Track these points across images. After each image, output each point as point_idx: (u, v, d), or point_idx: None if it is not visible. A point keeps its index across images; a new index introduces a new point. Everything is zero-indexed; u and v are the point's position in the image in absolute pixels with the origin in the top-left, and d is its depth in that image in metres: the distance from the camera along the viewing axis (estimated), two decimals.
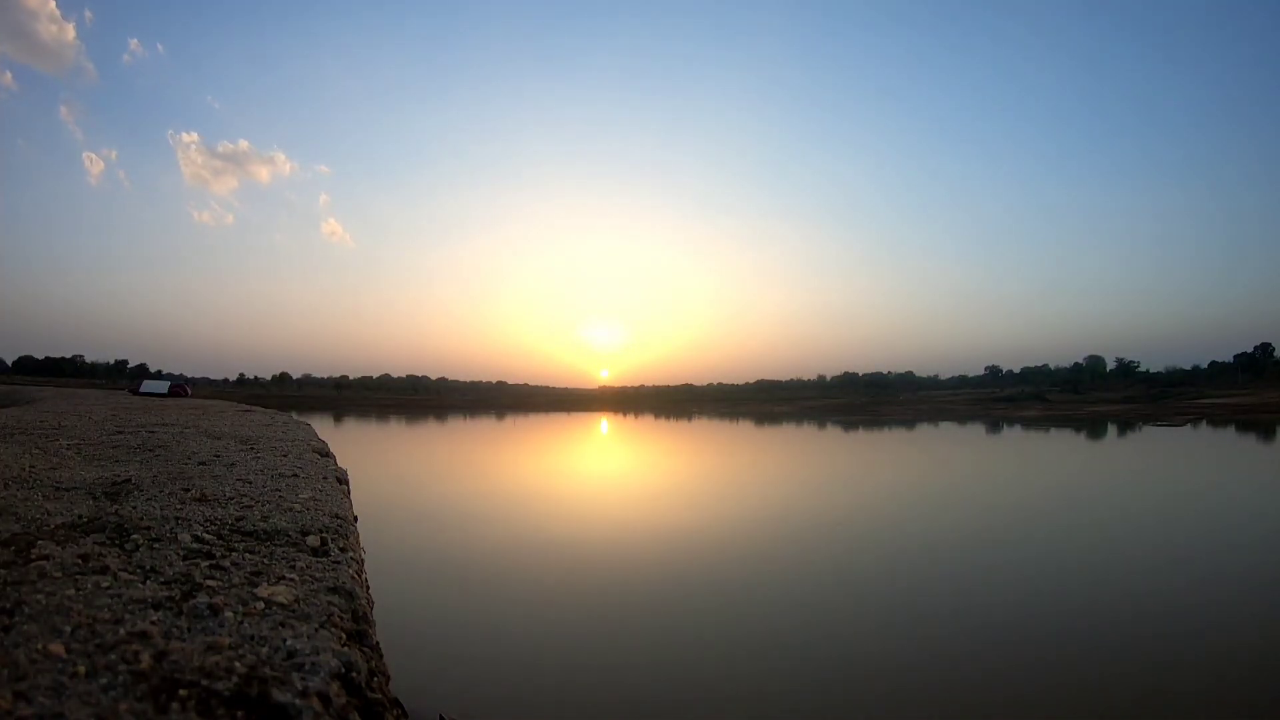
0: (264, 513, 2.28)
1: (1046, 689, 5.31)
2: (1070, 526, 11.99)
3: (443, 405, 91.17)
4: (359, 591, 1.59)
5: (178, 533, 1.90)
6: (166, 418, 8.46)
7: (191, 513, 2.19)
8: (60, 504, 2.17)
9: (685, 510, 14.03)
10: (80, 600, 1.11)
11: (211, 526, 2.05)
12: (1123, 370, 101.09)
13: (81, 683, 0.41)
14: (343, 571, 1.68)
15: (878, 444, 34.54)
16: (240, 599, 1.36)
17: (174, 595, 1.33)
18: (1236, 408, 59.57)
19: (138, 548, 1.71)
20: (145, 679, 0.42)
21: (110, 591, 1.28)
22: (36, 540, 1.59)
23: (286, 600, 1.37)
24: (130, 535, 1.83)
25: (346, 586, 1.54)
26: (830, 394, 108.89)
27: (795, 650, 6.14)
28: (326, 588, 1.52)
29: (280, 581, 1.52)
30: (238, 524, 2.10)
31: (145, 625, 0.87)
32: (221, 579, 1.50)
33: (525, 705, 5.07)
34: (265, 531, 2.03)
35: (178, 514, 2.16)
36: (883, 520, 12.82)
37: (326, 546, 1.93)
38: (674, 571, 8.80)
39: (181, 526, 1.99)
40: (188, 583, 1.45)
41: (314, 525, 2.18)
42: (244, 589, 1.44)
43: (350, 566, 1.78)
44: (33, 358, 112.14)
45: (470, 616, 7.01)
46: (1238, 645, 6.19)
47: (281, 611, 1.29)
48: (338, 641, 1.16)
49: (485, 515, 13.10)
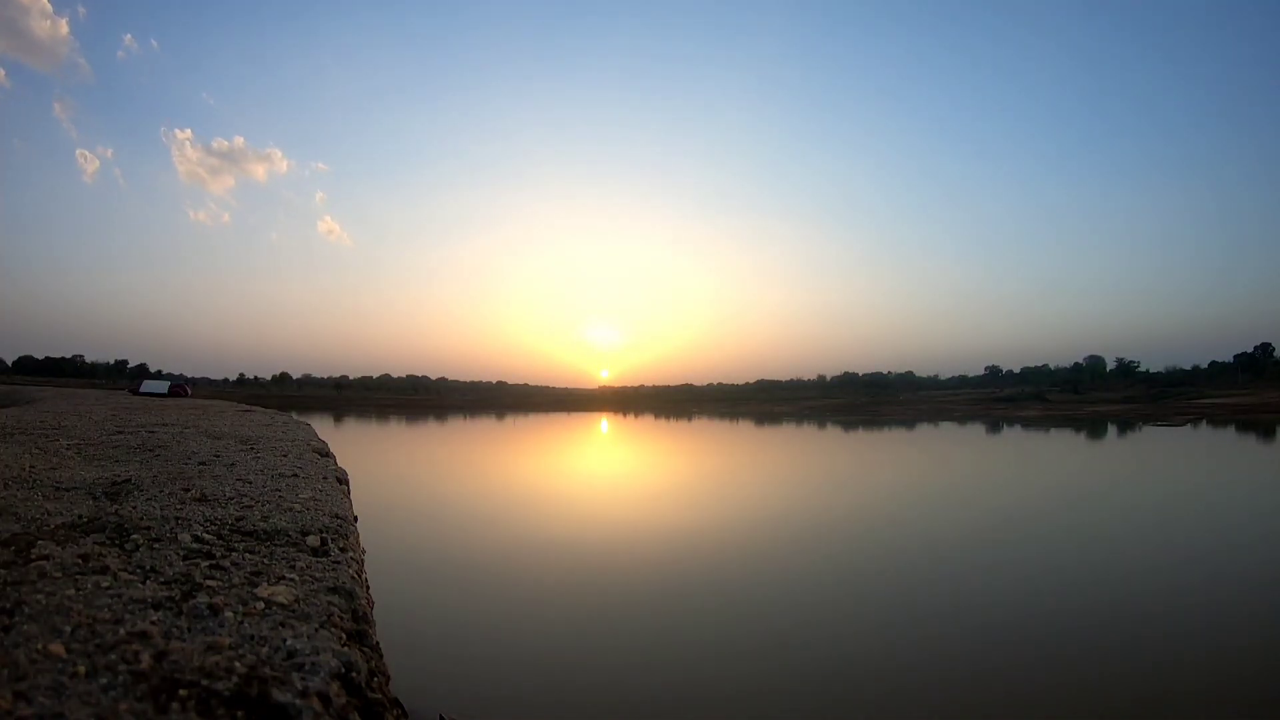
0: (264, 513, 2.28)
1: (1047, 689, 5.31)
2: (1070, 526, 11.99)
3: (443, 405, 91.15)
4: (359, 591, 1.58)
5: (178, 533, 1.90)
6: (166, 418, 8.46)
7: (191, 513, 2.19)
8: (60, 504, 2.17)
9: (685, 510, 14.03)
10: (80, 600, 1.11)
11: (211, 526, 2.04)
12: (1123, 370, 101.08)
13: (81, 683, 0.41)
14: (343, 571, 1.68)
15: (877, 444, 34.53)
16: (240, 599, 1.36)
17: (174, 595, 1.33)
18: (1236, 408, 59.56)
19: (138, 548, 1.71)
20: (145, 679, 0.42)
21: (110, 591, 1.28)
22: (36, 540, 1.59)
23: (286, 600, 1.37)
24: (130, 535, 1.83)
25: (346, 586, 1.54)
26: (830, 394, 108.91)
27: (795, 650, 6.13)
28: (326, 588, 1.52)
29: (280, 581, 1.52)
30: (238, 524, 2.10)
31: (145, 625, 0.87)
32: (221, 579, 1.50)
33: (525, 705, 5.07)
34: (265, 531, 2.03)
35: (178, 514, 2.15)
36: (882, 520, 12.81)
37: (326, 546, 1.93)
38: (674, 571, 8.80)
39: (181, 526, 1.99)
40: (188, 583, 1.45)
41: (314, 525, 2.17)
42: (244, 589, 1.44)
43: (350, 566, 1.78)
44: (33, 358, 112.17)
45: (470, 616, 7.01)
46: (1238, 645, 6.19)
47: (281, 611, 1.29)
48: (338, 641, 1.16)
49: (485, 515, 13.09)
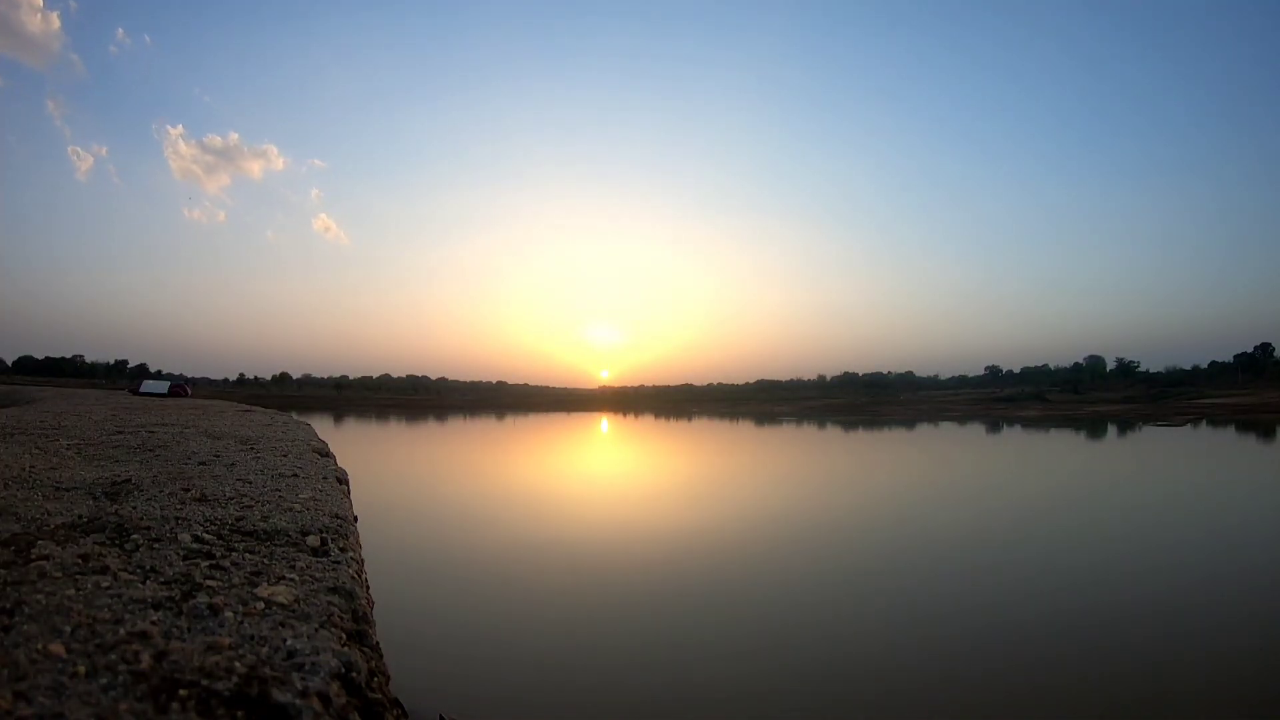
0: (264, 513, 2.28)
1: (1047, 689, 5.31)
2: (1070, 526, 11.99)
3: (443, 405, 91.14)
4: (359, 591, 1.58)
5: (178, 533, 1.90)
6: (166, 418, 8.46)
7: (191, 513, 2.19)
8: (60, 504, 2.17)
9: (685, 510, 14.03)
10: (80, 600, 1.11)
11: (211, 526, 2.04)
12: (1123, 370, 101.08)
13: (81, 683, 0.41)
14: (343, 571, 1.68)
15: (877, 444, 34.54)
16: (240, 599, 1.36)
17: (174, 595, 1.33)
18: (1236, 408, 59.56)
19: (138, 548, 1.71)
20: (145, 679, 0.41)
21: (110, 591, 1.28)
22: (36, 540, 1.58)
23: (286, 600, 1.37)
24: (130, 535, 1.82)
25: (346, 586, 1.54)
26: (830, 394, 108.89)
27: (795, 651, 6.14)
28: (326, 588, 1.52)
29: (280, 581, 1.52)
30: (238, 524, 2.09)
31: (145, 625, 0.87)
32: (221, 579, 1.50)
33: (525, 705, 5.07)
34: (265, 531, 2.03)
35: (178, 514, 2.15)
36: (882, 520, 12.82)
37: (326, 546, 1.92)
38: (674, 571, 8.80)
39: (181, 526, 1.99)
40: (188, 583, 1.45)
41: (314, 525, 2.17)
42: (244, 589, 1.44)
43: (350, 566, 1.78)
44: (33, 358, 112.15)
45: (470, 616, 7.01)
46: (1238, 646, 6.19)
47: (281, 611, 1.29)
48: (338, 641, 1.16)
49: (485, 515, 13.09)
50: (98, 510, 2.06)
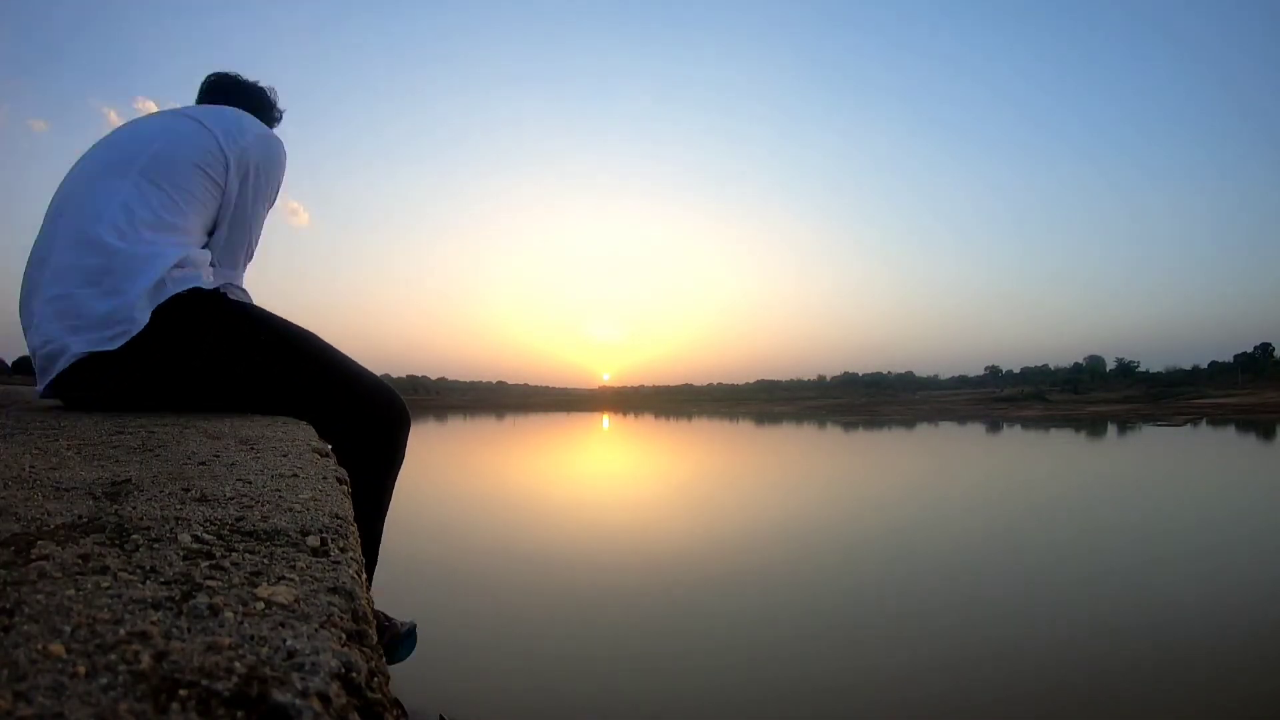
0: (264, 513, 2.27)
1: (1048, 691, 5.30)
2: (1071, 526, 11.98)
3: (442, 405, 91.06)
4: (359, 592, 1.58)
5: (178, 533, 1.90)
6: (166, 417, 8.45)
7: (191, 513, 2.19)
8: (60, 504, 2.17)
9: (686, 511, 14.03)
10: (80, 600, 1.11)
11: (211, 526, 2.04)
12: (1123, 370, 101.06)
13: (81, 683, 0.41)
14: (343, 572, 1.68)
15: (878, 444, 34.54)
16: (240, 599, 1.36)
17: (174, 595, 1.33)
18: (1236, 408, 59.57)
19: (138, 548, 1.71)
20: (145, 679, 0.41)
21: (110, 592, 1.28)
22: (36, 540, 1.59)
23: (286, 600, 1.37)
24: (130, 535, 1.83)
25: (347, 587, 1.54)
26: (830, 394, 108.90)
27: (797, 656, 6.13)
28: (326, 588, 1.51)
29: (280, 582, 1.52)
30: (238, 524, 2.09)
31: (145, 625, 0.87)
32: (221, 579, 1.50)
33: (526, 705, 5.07)
34: (265, 532, 2.03)
35: (178, 514, 2.15)
36: (883, 521, 12.81)
37: (326, 547, 1.93)
38: (677, 572, 8.79)
39: (181, 526, 1.99)
40: (188, 583, 1.45)
41: (314, 525, 2.17)
42: (244, 589, 1.44)
43: (350, 567, 1.78)
44: None
45: (470, 616, 7.01)
46: (1239, 646, 6.19)
47: (281, 612, 1.29)
48: (338, 642, 1.16)
49: (485, 515, 13.09)
50: (98, 510, 2.06)
